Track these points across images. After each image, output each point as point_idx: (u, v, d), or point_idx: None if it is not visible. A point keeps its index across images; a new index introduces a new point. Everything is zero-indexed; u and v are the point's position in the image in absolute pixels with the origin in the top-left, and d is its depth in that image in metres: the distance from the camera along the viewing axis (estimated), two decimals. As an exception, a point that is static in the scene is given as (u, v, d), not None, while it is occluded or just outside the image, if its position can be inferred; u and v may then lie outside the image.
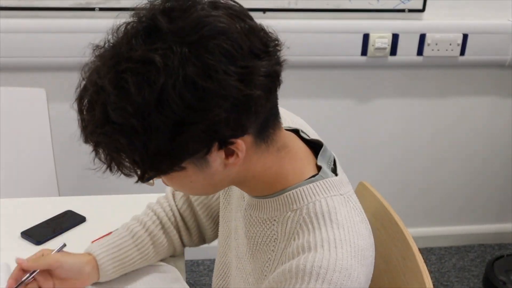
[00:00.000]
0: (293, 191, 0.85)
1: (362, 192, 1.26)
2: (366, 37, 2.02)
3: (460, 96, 2.25)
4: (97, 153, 0.76)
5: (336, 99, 2.18)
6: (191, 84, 0.69)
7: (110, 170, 0.77)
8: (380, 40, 2.02)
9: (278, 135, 0.84)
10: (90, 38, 1.78)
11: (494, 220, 2.55)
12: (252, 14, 2.22)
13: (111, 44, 0.74)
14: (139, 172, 0.76)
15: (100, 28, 2.05)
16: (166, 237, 1.18)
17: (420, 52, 2.07)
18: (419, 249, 1.06)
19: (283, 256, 0.83)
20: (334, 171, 0.90)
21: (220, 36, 0.71)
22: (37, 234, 1.29)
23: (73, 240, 1.16)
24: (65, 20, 1.89)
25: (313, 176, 0.86)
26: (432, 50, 2.07)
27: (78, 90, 0.75)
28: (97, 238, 1.30)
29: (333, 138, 2.23)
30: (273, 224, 0.87)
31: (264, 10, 1.95)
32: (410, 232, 1.11)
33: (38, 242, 1.28)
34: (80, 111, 0.75)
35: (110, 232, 1.32)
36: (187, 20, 0.72)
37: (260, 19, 0.74)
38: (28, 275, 1.03)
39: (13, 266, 1.18)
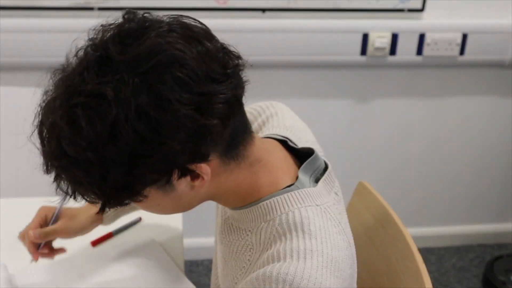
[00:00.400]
0: (266, 202, 0.83)
1: (361, 192, 1.26)
2: (365, 36, 2.02)
3: (459, 96, 2.25)
4: (59, 184, 0.76)
5: (335, 99, 2.18)
6: (144, 116, 0.68)
7: (75, 198, 0.77)
8: (380, 40, 2.02)
9: (250, 151, 0.82)
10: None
11: (493, 220, 2.55)
12: (251, 13, 2.22)
13: (66, 74, 0.74)
14: (101, 203, 0.76)
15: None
16: None
17: (419, 51, 2.07)
18: (419, 249, 1.06)
19: (255, 266, 0.82)
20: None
21: (173, 64, 0.70)
22: (36, 234, 1.29)
23: (72, 240, 1.16)
24: (64, 19, 1.88)
25: (289, 186, 0.84)
26: (432, 49, 2.07)
27: (36, 121, 0.75)
28: (96, 238, 1.30)
29: (332, 138, 2.23)
30: (248, 235, 0.86)
31: (263, 10, 1.95)
32: (410, 232, 1.11)
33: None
34: (42, 142, 0.75)
35: (110, 232, 1.32)
36: (140, 48, 0.70)
37: (259, 19, 0.73)
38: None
39: (11, 266, 1.18)
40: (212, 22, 2.25)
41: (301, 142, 0.95)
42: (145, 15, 0.77)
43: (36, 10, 1.87)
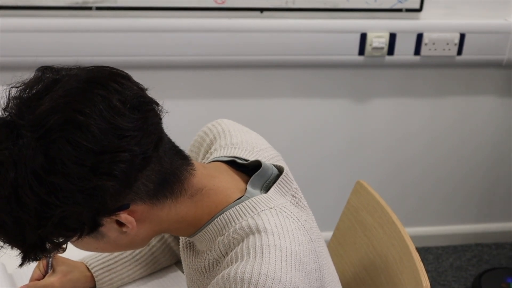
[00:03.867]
0: (218, 218, 0.83)
1: (359, 191, 1.26)
2: (363, 36, 2.02)
3: (457, 96, 2.25)
4: None
5: (333, 99, 2.18)
6: (39, 179, 0.69)
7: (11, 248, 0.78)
8: (378, 40, 2.02)
9: (188, 184, 0.82)
10: (86, 37, 1.81)
11: (491, 220, 2.55)
12: (249, 13, 2.21)
13: None
14: (29, 257, 0.77)
15: (97, 28, 2.06)
16: (165, 247, 1.17)
17: (417, 51, 2.08)
18: (416, 248, 1.06)
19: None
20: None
21: (68, 126, 0.70)
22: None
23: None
24: (62, 19, 1.88)
25: (239, 199, 0.84)
26: (429, 49, 2.07)
27: None
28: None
29: (330, 137, 2.24)
30: (208, 254, 0.86)
31: (261, 10, 1.95)
32: (407, 231, 1.12)
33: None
34: None
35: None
36: (38, 111, 0.71)
37: (257, 19, 0.72)
38: None
39: (9, 266, 1.18)
40: (210, 21, 2.26)
41: (253, 153, 0.95)
42: (59, 69, 0.77)
43: (34, 9, 1.87)
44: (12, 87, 0.75)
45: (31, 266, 1.18)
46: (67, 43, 1.88)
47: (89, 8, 1.87)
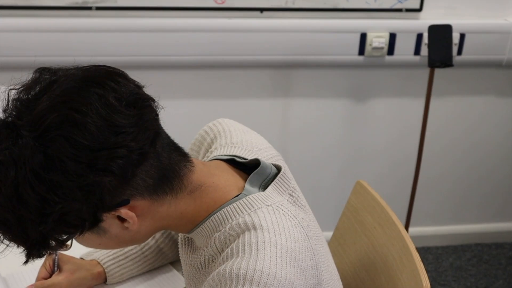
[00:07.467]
0: (215, 215, 0.84)
1: (359, 191, 1.26)
2: (363, 36, 2.02)
3: (457, 96, 2.25)
4: None
5: (333, 99, 2.18)
6: (39, 177, 0.70)
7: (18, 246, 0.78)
8: (378, 40, 2.02)
9: (188, 180, 0.83)
10: (86, 37, 1.80)
11: (491, 220, 2.55)
12: (249, 13, 2.21)
13: None
14: (32, 254, 0.78)
15: (97, 28, 2.06)
16: (172, 243, 1.19)
17: (417, 51, 2.08)
18: (416, 248, 1.06)
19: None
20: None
21: (65, 124, 0.71)
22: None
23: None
24: (62, 19, 1.88)
25: (237, 196, 0.85)
26: (429, 49, 2.07)
27: None
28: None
29: (330, 137, 2.24)
30: (205, 250, 0.87)
31: (261, 10, 1.96)
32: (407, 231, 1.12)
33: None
34: None
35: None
36: (35, 111, 0.72)
37: (257, 19, 0.72)
38: None
39: (2, 269, 1.17)
40: (210, 21, 2.26)
41: (252, 152, 0.95)
42: (56, 70, 0.78)
43: (34, 9, 1.87)
44: (11, 89, 0.76)
45: (22, 270, 1.19)
46: (67, 43, 1.88)
47: (89, 8, 1.87)
